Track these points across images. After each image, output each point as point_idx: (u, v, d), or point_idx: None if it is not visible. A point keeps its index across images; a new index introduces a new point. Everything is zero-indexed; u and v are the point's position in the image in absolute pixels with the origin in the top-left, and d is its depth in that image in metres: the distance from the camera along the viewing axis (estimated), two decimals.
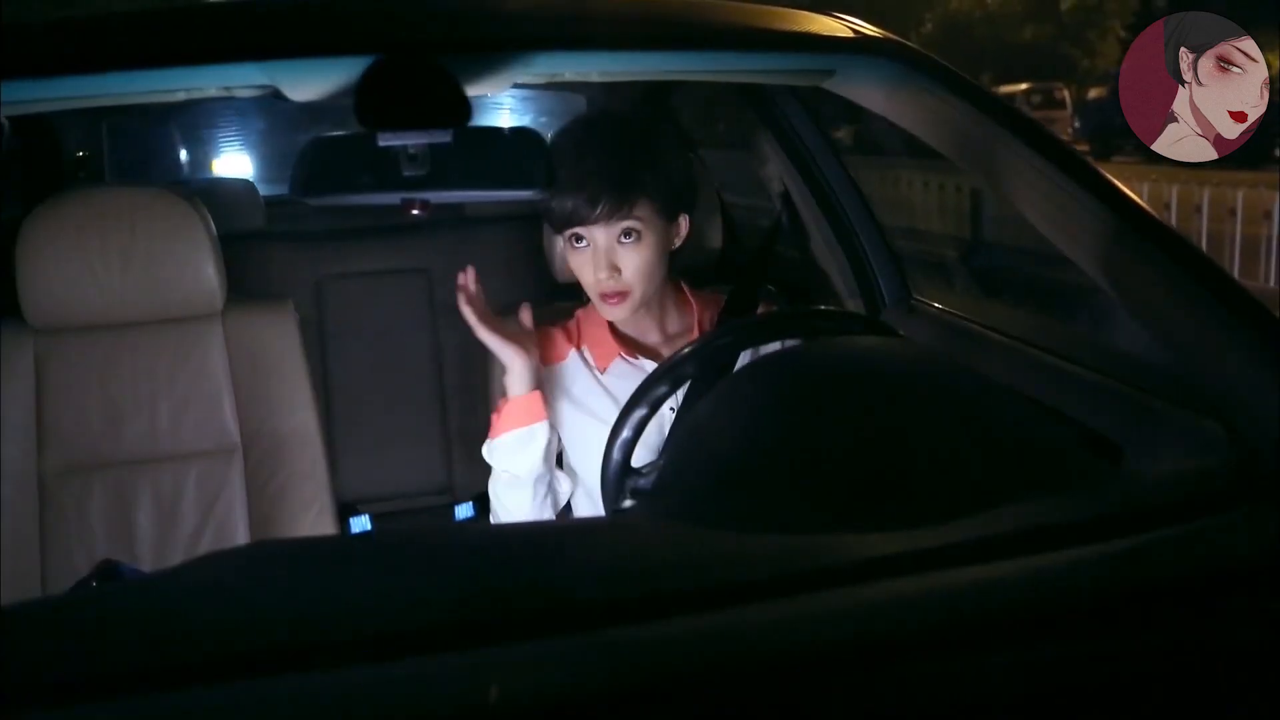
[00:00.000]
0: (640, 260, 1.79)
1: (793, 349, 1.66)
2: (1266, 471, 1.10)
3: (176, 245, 2.01)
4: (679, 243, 1.87)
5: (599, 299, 1.83)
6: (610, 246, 1.78)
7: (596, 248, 1.79)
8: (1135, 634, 0.87)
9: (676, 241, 1.87)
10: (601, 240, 1.78)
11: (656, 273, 1.83)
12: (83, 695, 0.76)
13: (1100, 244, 1.31)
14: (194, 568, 1.04)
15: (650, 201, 1.78)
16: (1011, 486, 1.05)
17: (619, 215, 1.76)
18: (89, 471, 2.04)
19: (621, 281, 1.79)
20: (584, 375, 1.92)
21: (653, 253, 1.80)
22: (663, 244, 1.82)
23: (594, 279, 1.80)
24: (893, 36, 1.47)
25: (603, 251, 1.78)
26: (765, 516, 1.03)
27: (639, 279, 1.80)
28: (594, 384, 1.91)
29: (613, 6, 1.43)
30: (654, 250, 1.80)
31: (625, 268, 1.79)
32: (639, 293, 1.81)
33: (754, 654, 0.82)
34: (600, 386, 1.90)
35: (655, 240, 1.80)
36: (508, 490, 1.84)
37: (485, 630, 0.82)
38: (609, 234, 1.78)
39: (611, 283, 1.79)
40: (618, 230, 1.78)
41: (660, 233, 1.81)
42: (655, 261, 1.81)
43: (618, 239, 1.78)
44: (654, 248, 1.80)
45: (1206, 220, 9.31)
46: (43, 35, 1.27)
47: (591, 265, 1.80)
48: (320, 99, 1.33)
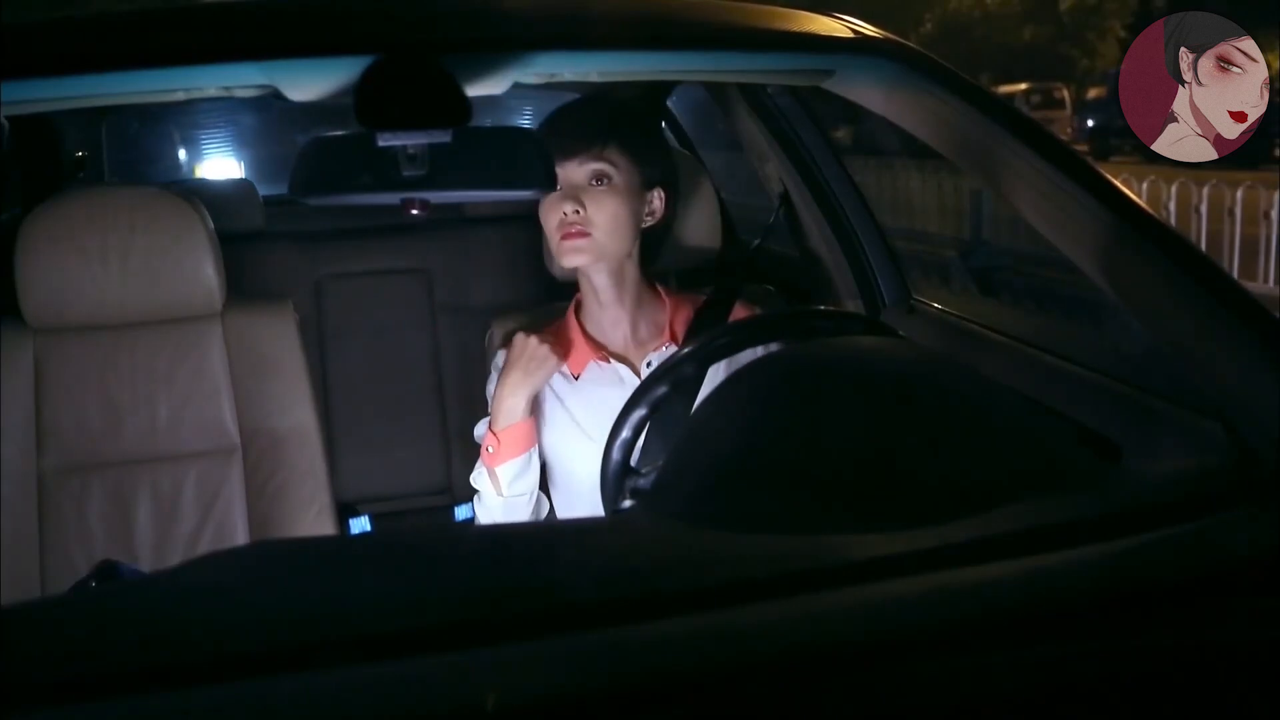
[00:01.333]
0: (609, 207, 1.81)
1: (792, 349, 1.66)
2: (1266, 471, 1.10)
3: (176, 245, 2.01)
4: (650, 221, 1.89)
5: (559, 242, 1.83)
6: (581, 184, 1.81)
7: (568, 186, 1.81)
8: (1135, 634, 0.87)
9: (648, 219, 1.88)
10: (575, 177, 1.81)
11: (623, 232, 1.83)
12: (82, 695, 0.76)
13: (1099, 244, 1.31)
14: (193, 568, 1.04)
15: (622, 151, 1.81)
16: (1011, 486, 1.05)
17: (590, 154, 1.79)
18: (88, 471, 2.04)
19: (585, 221, 1.80)
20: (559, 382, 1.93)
21: (622, 205, 1.82)
22: (633, 205, 1.84)
23: (559, 217, 1.81)
24: (892, 37, 1.47)
25: (573, 187, 1.81)
26: (765, 516, 1.03)
27: (603, 226, 1.81)
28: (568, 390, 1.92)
29: (612, 6, 1.43)
30: (623, 203, 1.82)
31: (592, 209, 1.80)
32: (600, 239, 1.82)
33: (753, 654, 0.82)
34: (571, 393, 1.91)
35: (625, 194, 1.82)
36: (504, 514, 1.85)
37: (485, 630, 0.82)
38: (582, 172, 1.80)
39: (576, 218, 1.80)
40: (589, 170, 1.80)
41: (632, 188, 1.83)
42: (624, 217, 1.82)
43: (588, 180, 1.81)
44: (623, 200, 1.82)
45: (1206, 220, 9.31)
46: (43, 35, 1.27)
47: (559, 202, 1.81)
48: (319, 99, 1.33)
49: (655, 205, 1.88)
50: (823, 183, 2.31)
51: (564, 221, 1.81)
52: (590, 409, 1.87)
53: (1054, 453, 1.18)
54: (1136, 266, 1.28)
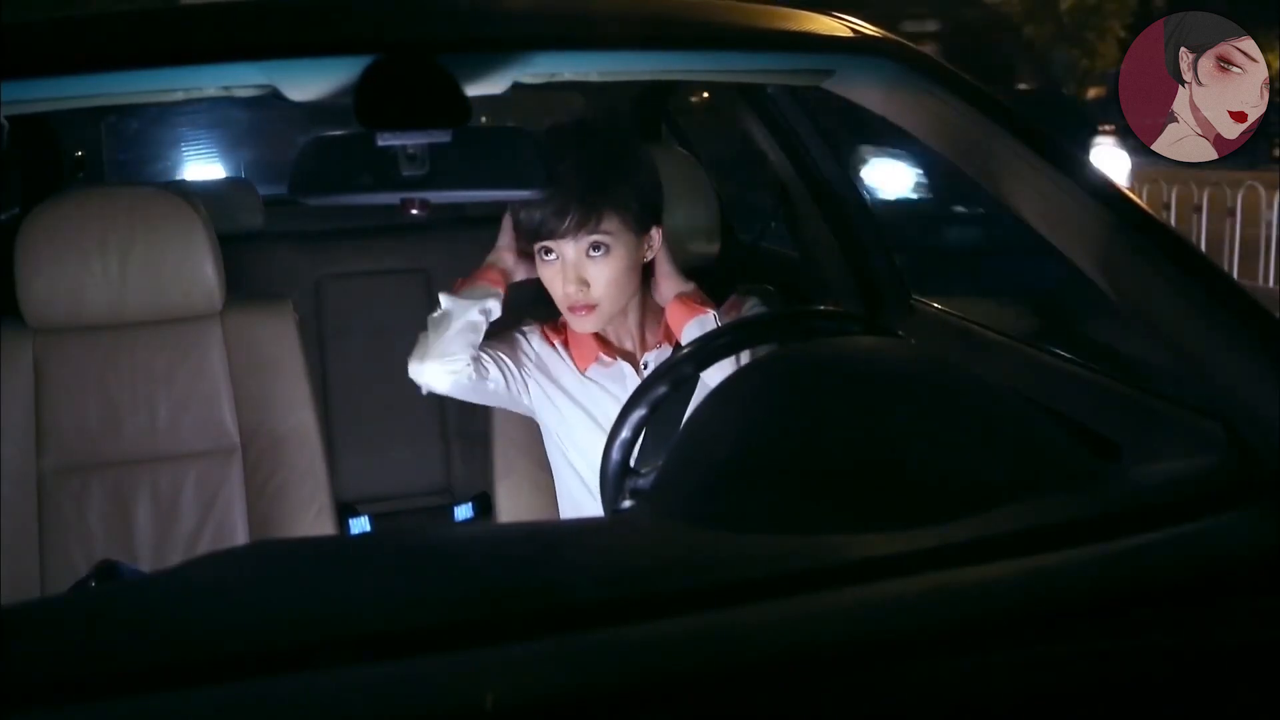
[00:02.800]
0: (609, 273, 1.79)
1: (792, 349, 1.66)
2: (1266, 471, 1.09)
3: (175, 245, 2.01)
4: (651, 255, 1.87)
5: (567, 311, 1.83)
6: (579, 260, 1.79)
7: (565, 261, 1.79)
8: (1134, 634, 0.87)
9: (649, 254, 1.86)
10: (570, 254, 1.79)
11: (626, 286, 1.83)
12: (82, 695, 0.76)
13: (1099, 244, 1.31)
14: (193, 567, 1.04)
15: (619, 214, 1.78)
16: (1010, 486, 1.05)
17: (587, 229, 1.76)
18: (88, 471, 2.04)
19: (589, 295, 1.80)
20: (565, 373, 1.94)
21: (622, 265, 1.80)
22: (633, 257, 1.82)
23: (562, 292, 1.81)
24: (892, 36, 1.47)
25: (571, 265, 1.79)
26: (764, 516, 1.03)
27: (607, 292, 1.80)
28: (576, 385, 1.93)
29: (612, 6, 1.43)
30: (623, 263, 1.80)
31: (593, 281, 1.79)
32: (607, 306, 1.82)
33: (753, 654, 0.82)
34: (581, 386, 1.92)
35: (625, 253, 1.80)
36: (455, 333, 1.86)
37: (485, 630, 0.82)
38: (578, 248, 1.78)
39: (580, 296, 1.79)
40: (586, 244, 1.78)
41: (630, 246, 1.81)
42: (625, 274, 1.81)
43: (586, 252, 1.78)
44: (623, 260, 1.80)
45: (1206, 220, 9.31)
46: (43, 35, 1.26)
47: (561, 279, 1.80)
48: (319, 99, 1.33)
49: (654, 239, 1.86)
50: (822, 182, 2.31)
51: (567, 295, 1.80)
52: (600, 403, 1.88)
53: (1053, 452, 1.18)
54: (1135, 266, 1.28)
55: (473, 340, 1.86)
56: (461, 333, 1.84)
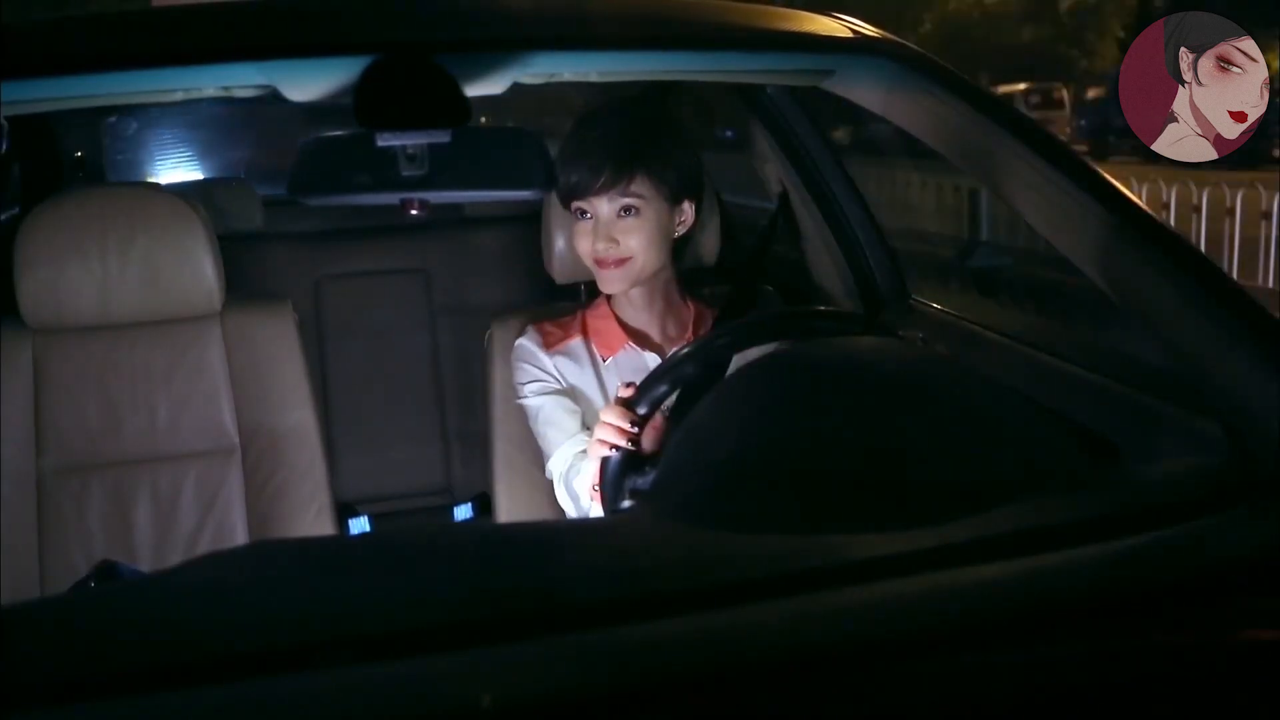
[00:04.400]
0: (641, 232, 1.83)
1: (791, 349, 1.66)
2: (1265, 471, 1.09)
3: (175, 245, 2.01)
4: (682, 230, 1.91)
5: (597, 269, 1.87)
6: (610, 219, 1.83)
7: (598, 220, 1.83)
8: (1134, 634, 0.87)
9: (679, 229, 1.90)
10: (604, 212, 1.83)
11: (658, 250, 1.86)
12: (82, 695, 0.76)
13: (1099, 245, 1.31)
14: (193, 568, 1.04)
15: (650, 178, 1.82)
16: (1009, 487, 1.05)
17: (618, 188, 1.81)
18: (87, 471, 2.04)
19: (619, 250, 1.83)
20: (587, 361, 1.94)
21: (653, 229, 1.84)
22: (664, 224, 1.86)
23: (591, 249, 1.84)
24: (891, 37, 1.47)
25: (603, 223, 1.83)
26: (764, 517, 1.03)
27: (641, 250, 1.84)
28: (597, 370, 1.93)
29: (612, 6, 1.43)
30: (654, 227, 1.84)
31: (623, 240, 1.83)
32: (639, 262, 1.85)
33: (753, 654, 0.82)
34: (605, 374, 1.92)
35: (655, 218, 1.84)
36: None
37: (485, 630, 0.82)
38: (610, 207, 1.82)
39: (610, 251, 1.83)
40: (618, 205, 1.82)
41: (661, 212, 1.85)
42: (657, 238, 1.85)
43: (618, 213, 1.82)
44: (654, 224, 1.84)
45: (1205, 220, 9.32)
46: (43, 35, 1.27)
47: (592, 237, 1.84)
48: (319, 99, 1.33)
49: (686, 215, 1.91)
50: (821, 182, 2.31)
51: (597, 251, 1.84)
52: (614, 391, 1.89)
53: (1053, 453, 1.18)
54: (1136, 267, 1.28)
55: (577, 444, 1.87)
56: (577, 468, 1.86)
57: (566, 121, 2.09)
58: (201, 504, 2.07)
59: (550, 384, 1.93)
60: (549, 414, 1.91)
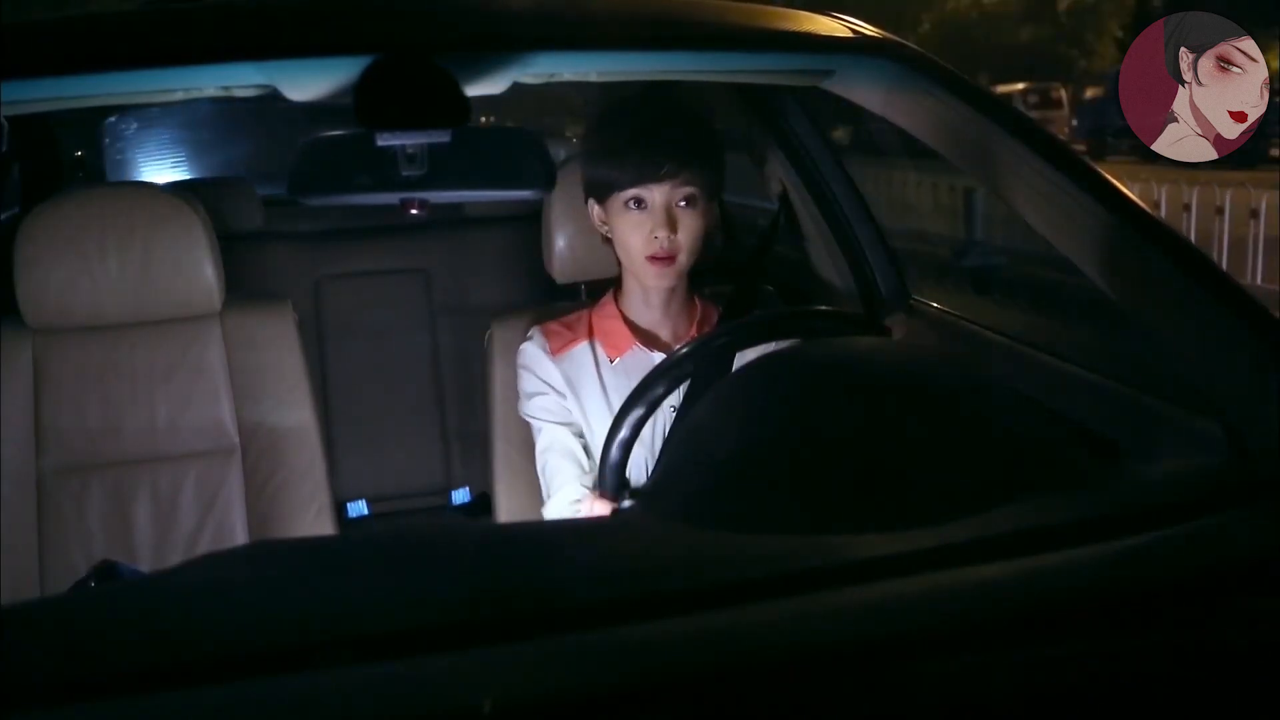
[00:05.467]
0: (695, 226, 1.81)
1: (791, 349, 1.66)
2: (1265, 471, 1.10)
3: (175, 245, 2.01)
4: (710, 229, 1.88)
5: (645, 263, 1.82)
6: (669, 206, 1.79)
7: (654, 208, 1.79)
8: (1134, 634, 0.87)
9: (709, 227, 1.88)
10: (660, 200, 1.79)
11: (700, 247, 1.85)
12: (82, 695, 0.76)
13: (1099, 245, 1.31)
14: (193, 567, 1.04)
15: (703, 172, 1.80)
16: (1009, 486, 1.05)
17: (681, 177, 1.78)
18: (87, 471, 2.04)
19: (675, 243, 1.80)
20: (592, 366, 1.92)
21: (703, 223, 1.83)
22: (709, 220, 1.85)
23: (647, 240, 1.80)
24: (892, 37, 1.47)
25: (661, 210, 1.79)
26: (764, 517, 1.03)
27: (690, 245, 1.82)
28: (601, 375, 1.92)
29: (611, 6, 1.43)
30: (704, 221, 1.83)
31: (681, 230, 1.80)
32: (685, 259, 1.83)
33: (753, 654, 0.82)
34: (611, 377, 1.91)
35: (705, 212, 1.83)
36: None
37: (485, 630, 0.82)
38: (670, 196, 1.79)
39: (668, 244, 1.79)
40: (679, 194, 1.79)
41: (709, 206, 1.84)
42: (702, 234, 1.83)
43: (677, 202, 1.80)
44: (705, 218, 1.83)
45: (1195, 219, 9.36)
46: (43, 35, 1.27)
47: (649, 226, 1.79)
48: (319, 99, 1.33)
49: (716, 214, 1.89)
50: (821, 183, 2.31)
51: (653, 242, 1.80)
52: (623, 394, 1.88)
53: (1053, 453, 1.18)
54: (1136, 266, 1.28)
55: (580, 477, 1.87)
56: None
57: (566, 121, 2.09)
58: (201, 504, 2.07)
59: (555, 401, 1.91)
60: (553, 447, 1.90)
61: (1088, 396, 1.60)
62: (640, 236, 1.80)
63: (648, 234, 1.79)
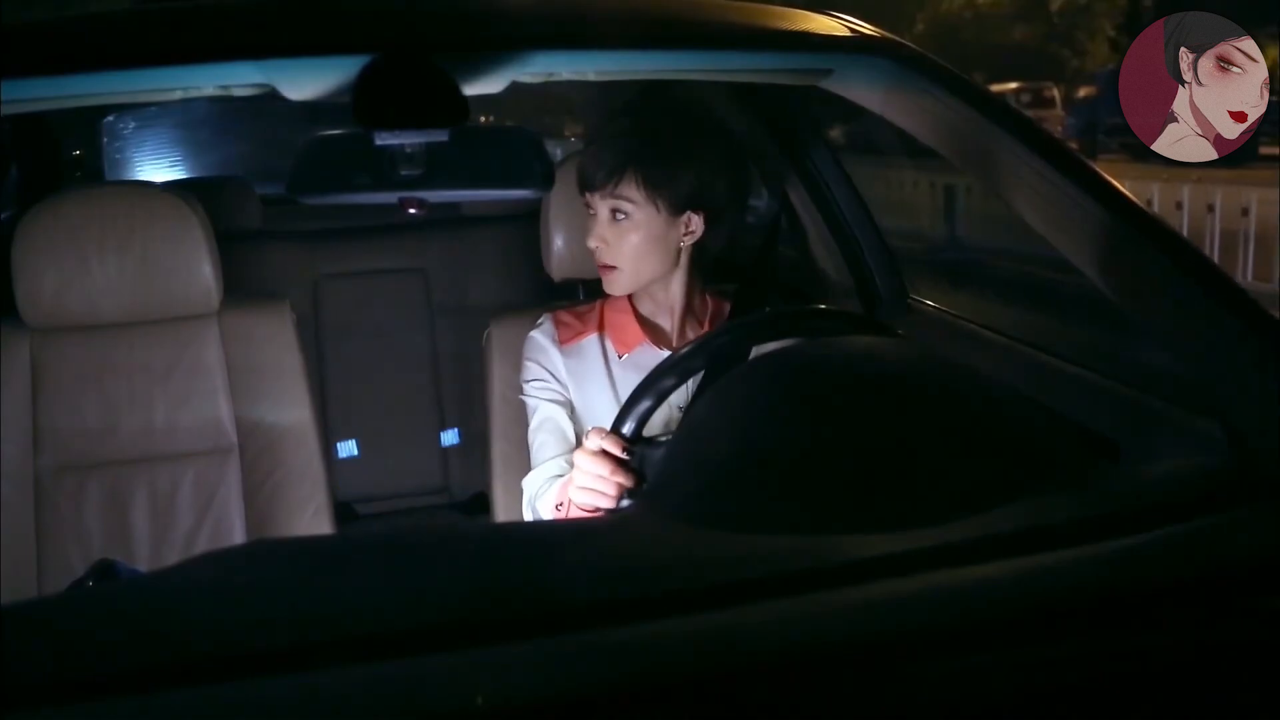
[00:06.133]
0: (625, 242, 1.82)
1: (791, 348, 1.66)
2: (1265, 471, 1.10)
3: (173, 244, 2.00)
4: (689, 241, 1.86)
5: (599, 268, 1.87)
6: (605, 220, 1.83)
7: (598, 218, 1.84)
8: (1133, 634, 0.87)
9: (684, 240, 1.86)
10: (602, 212, 1.83)
11: (648, 260, 1.84)
12: (81, 695, 0.76)
13: (1098, 243, 1.31)
14: (191, 567, 1.04)
15: (642, 185, 1.80)
16: (1009, 486, 1.05)
17: (606, 189, 1.80)
18: (85, 470, 2.04)
19: (606, 255, 1.83)
20: (600, 359, 1.92)
21: (640, 238, 1.82)
22: (656, 233, 1.83)
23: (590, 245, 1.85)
24: (891, 36, 1.47)
25: (599, 222, 1.83)
26: (764, 517, 1.03)
27: (625, 260, 1.83)
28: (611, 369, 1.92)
29: (610, 6, 1.43)
30: (641, 236, 1.82)
31: (611, 244, 1.82)
32: (626, 273, 1.84)
33: (753, 654, 0.82)
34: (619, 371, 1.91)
35: (646, 226, 1.82)
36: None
37: (485, 630, 0.82)
38: (606, 207, 1.82)
39: (601, 253, 1.84)
40: (609, 204, 1.82)
41: (653, 220, 1.82)
42: (643, 248, 1.83)
43: (610, 215, 1.82)
44: (641, 233, 1.82)
45: (1188, 216, 9.41)
46: (42, 35, 1.26)
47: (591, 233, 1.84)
48: (317, 98, 1.33)
49: (694, 226, 1.86)
50: (820, 182, 2.31)
51: (593, 250, 1.85)
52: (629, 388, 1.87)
53: (1053, 452, 1.18)
54: (1134, 266, 1.28)
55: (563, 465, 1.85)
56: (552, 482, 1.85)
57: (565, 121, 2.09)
58: (199, 503, 2.07)
59: (553, 387, 1.91)
60: (544, 424, 1.90)
61: (1088, 396, 1.60)
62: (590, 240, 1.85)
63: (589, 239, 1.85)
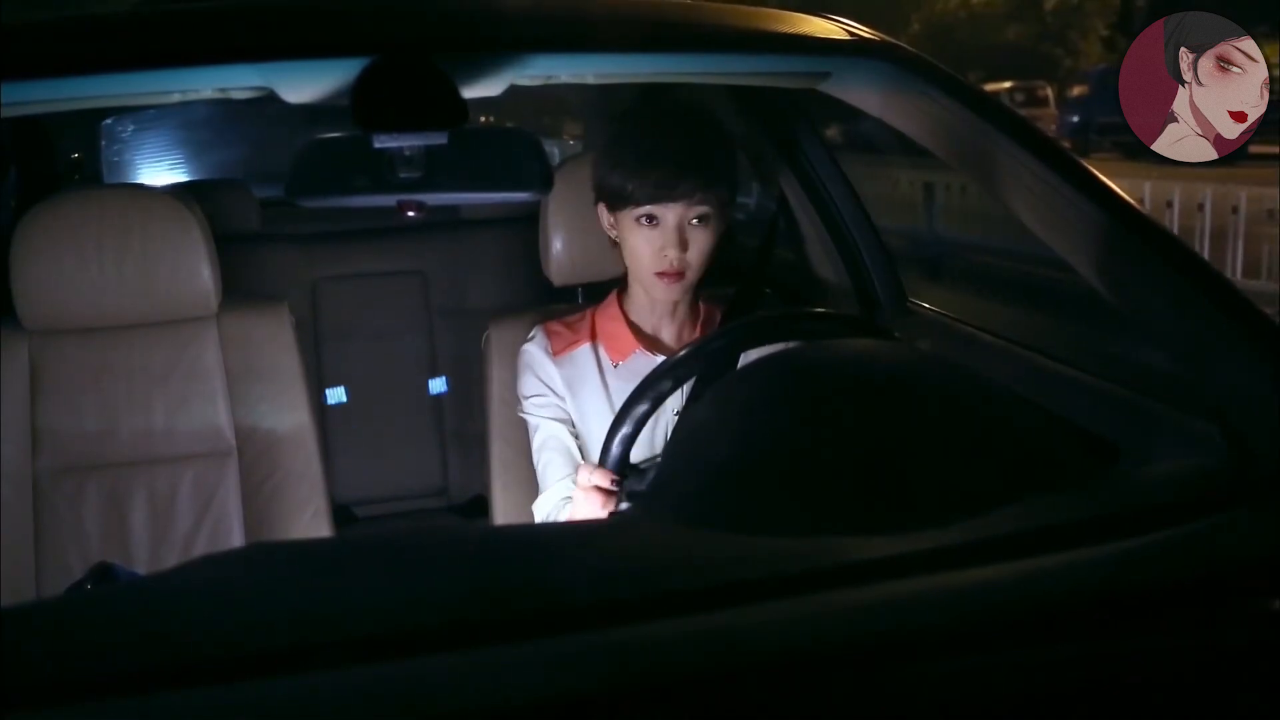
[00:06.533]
0: (706, 244, 1.82)
1: (790, 350, 1.66)
2: (1263, 472, 1.10)
3: (172, 247, 2.00)
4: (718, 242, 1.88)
5: (654, 278, 1.83)
6: (681, 226, 1.80)
7: (667, 227, 1.80)
8: (1133, 635, 0.87)
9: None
10: (673, 219, 1.79)
11: (710, 260, 1.85)
12: (79, 697, 0.76)
13: (1095, 245, 1.31)
14: (189, 569, 1.04)
15: (717, 190, 1.80)
16: (1008, 488, 1.05)
17: (698, 197, 1.78)
18: (84, 473, 2.04)
19: (684, 261, 1.81)
20: (594, 369, 1.92)
21: (715, 239, 1.83)
22: (721, 233, 1.85)
23: (656, 257, 1.81)
24: (888, 39, 1.47)
25: (673, 230, 1.80)
26: (763, 517, 1.03)
27: (698, 264, 1.83)
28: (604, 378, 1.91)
29: (609, 8, 1.43)
30: (716, 237, 1.83)
31: (692, 249, 1.81)
32: (693, 274, 1.84)
33: (752, 654, 0.82)
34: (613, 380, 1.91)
35: (717, 227, 1.83)
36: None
37: (485, 630, 0.82)
38: (683, 215, 1.79)
39: (679, 262, 1.80)
40: (694, 212, 1.79)
41: (721, 222, 1.84)
42: (712, 251, 1.84)
43: (690, 220, 1.80)
44: (717, 234, 1.83)
45: (1178, 215, 9.45)
46: (41, 35, 1.26)
47: (659, 243, 1.80)
48: (315, 101, 1.33)
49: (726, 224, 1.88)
50: (818, 185, 2.31)
51: (663, 259, 1.81)
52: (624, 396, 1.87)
53: (1052, 454, 1.18)
54: (1131, 267, 1.28)
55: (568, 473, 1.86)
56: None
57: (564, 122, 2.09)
58: (198, 505, 2.07)
59: (553, 402, 1.91)
60: (548, 443, 1.90)
61: (1086, 398, 1.60)
62: (650, 251, 1.81)
63: (658, 250, 1.80)
